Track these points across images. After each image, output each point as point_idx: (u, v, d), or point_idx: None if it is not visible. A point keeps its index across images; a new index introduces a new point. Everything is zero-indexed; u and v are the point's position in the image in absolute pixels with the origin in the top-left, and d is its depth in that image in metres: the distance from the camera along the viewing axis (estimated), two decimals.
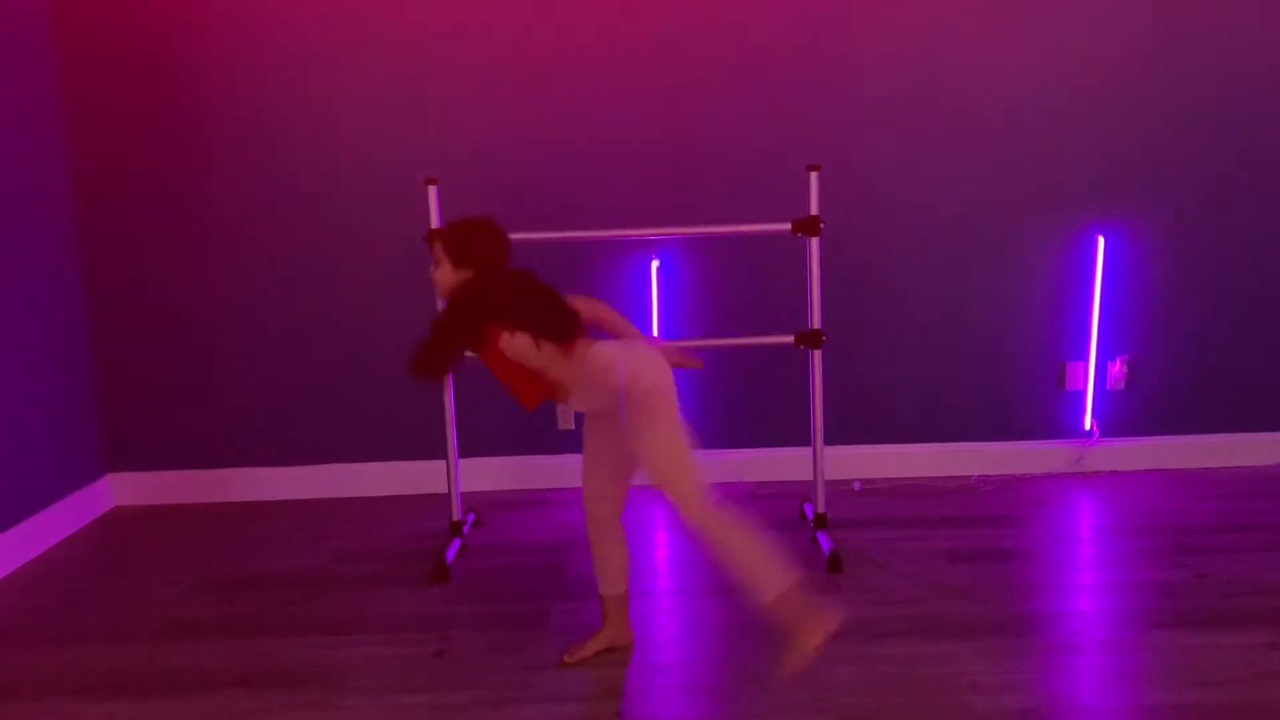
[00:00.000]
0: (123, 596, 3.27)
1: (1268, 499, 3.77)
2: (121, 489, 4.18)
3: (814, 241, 3.36)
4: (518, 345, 2.46)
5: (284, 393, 4.13)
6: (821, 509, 3.51)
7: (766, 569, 2.36)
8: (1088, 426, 4.14)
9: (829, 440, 3.72)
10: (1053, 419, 4.16)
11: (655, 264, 4.01)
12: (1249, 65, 3.97)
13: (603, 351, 2.52)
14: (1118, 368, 4.11)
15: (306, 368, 4.12)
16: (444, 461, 3.59)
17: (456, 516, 3.58)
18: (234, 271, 4.08)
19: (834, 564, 3.23)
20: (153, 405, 4.14)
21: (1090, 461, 4.15)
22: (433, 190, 3.42)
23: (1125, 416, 4.15)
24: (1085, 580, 3.17)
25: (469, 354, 2.57)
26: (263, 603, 3.17)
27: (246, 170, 4.03)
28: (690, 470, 2.43)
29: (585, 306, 2.64)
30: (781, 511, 3.80)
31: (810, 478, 3.52)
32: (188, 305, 4.10)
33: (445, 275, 2.54)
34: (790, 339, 3.45)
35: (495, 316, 2.47)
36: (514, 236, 2.69)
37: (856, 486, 4.07)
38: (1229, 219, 4.05)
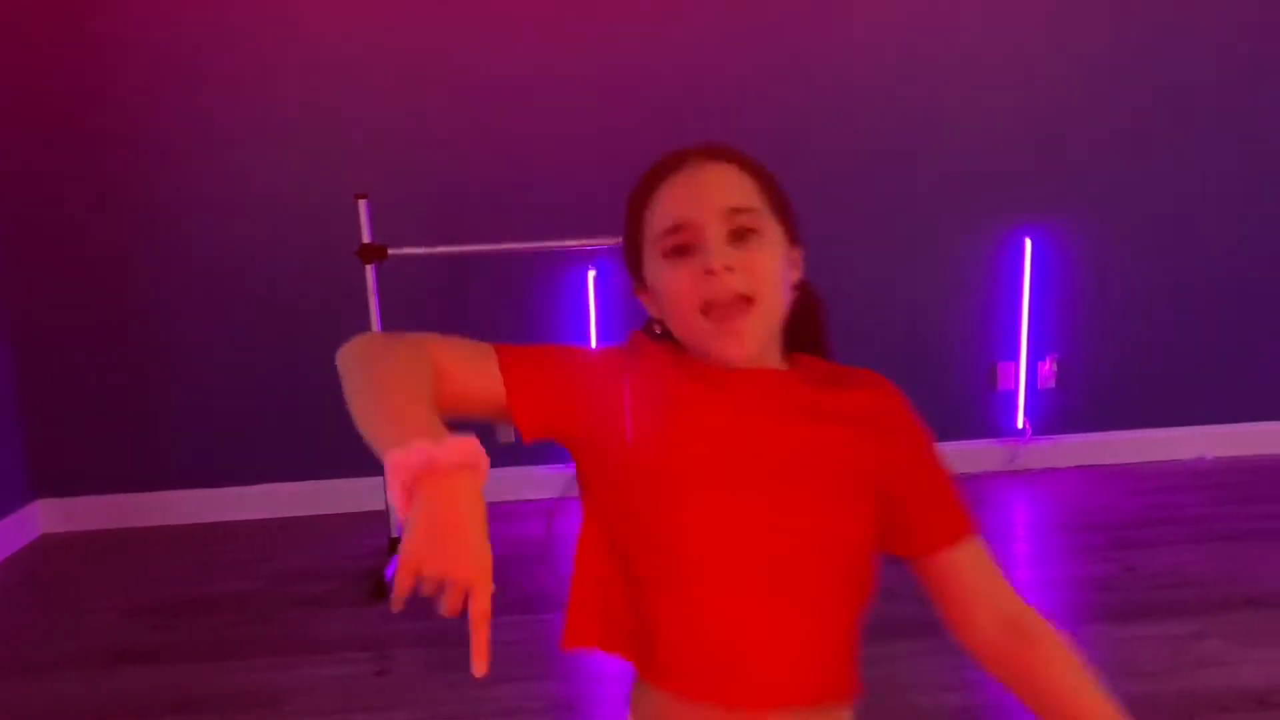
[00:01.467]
0: (50, 627, 3.18)
1: (1194, 492, 3.88)
2: (50, 516, 4.07)
3: None
4: None
5: (218, 413, 4.06)
6: None
7: None
8: (1020, 425, 4.22)
9: None
10: (986, 419, 4.23)
11: (592, 274, 4.01)
12: (1172, 67, 4.08)
13: None
14: (1048, 366, 4.19)
15: (240, 387, 4.05)
16: (380, 477, 3.54)
17: (395, 533, 3.54)
18: (165, 289, 4.00)
19: None
20: (82, 428, 4.04)
21: (1024, 460, 4.23)
22: (363, 205, 3.40)
23: (1057, 414, 4.24)
24: (1021, 577, 3.23)
25: None
26: (198, 628, 3.11)
27: (178, 185, 3.95)
28: None
29: None
30: None
31: None
32: (117, 324, 4.01)
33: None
34: None
35: None
36: (448, 250, 2.64)
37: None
38: (1152, 219, 4.16)
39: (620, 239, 1.15)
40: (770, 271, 1.05)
